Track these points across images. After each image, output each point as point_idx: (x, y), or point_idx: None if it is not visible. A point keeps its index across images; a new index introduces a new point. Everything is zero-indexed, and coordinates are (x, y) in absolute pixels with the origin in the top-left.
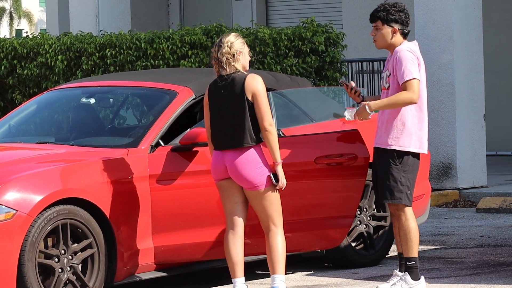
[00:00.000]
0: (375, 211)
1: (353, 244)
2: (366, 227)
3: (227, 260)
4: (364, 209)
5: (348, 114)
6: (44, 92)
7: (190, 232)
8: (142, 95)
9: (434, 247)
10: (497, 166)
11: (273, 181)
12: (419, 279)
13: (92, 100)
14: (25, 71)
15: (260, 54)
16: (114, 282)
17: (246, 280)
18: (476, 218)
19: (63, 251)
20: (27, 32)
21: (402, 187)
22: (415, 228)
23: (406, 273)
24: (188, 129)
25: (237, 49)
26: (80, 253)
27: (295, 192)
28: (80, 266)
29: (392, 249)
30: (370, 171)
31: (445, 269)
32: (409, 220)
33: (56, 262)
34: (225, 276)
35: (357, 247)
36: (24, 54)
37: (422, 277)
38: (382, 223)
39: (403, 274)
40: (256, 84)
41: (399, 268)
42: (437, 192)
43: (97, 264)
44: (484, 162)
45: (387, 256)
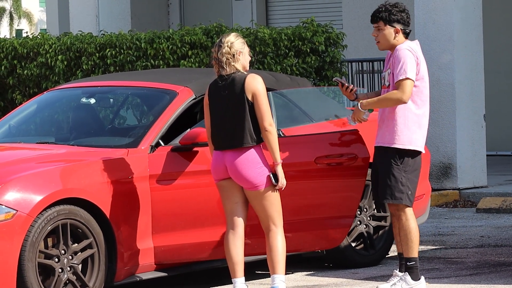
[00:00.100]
0: (375, 211)
1: (353, 244)
2: (366, 227)
3: (227, 260)
4: (364, 209)
5: (351, 119)
6: (44, 92)
7: (190, 232)
8: (142, 95)
9: (434, 247)
10: (497, 166)
11: (273, 181)
12: (419, 279)
13: (92, 100)
14: (25, 71)
15: (260, 54)
16: (114, 282)
17: (246, 280)
18: (476, 218)
19: (63, 251)
20: (27, 32)
21: (403, 187)
22: (416, 229)
23: (406, 273)
24: (188, 129)
25: (237, 49)
26: (80, 253)
27: (295, 192)
28: (80, 266)
29: (392, 249)
30: (370, 171)
31: (445, 269)
32: (410, 221)
33: (56, 262)
34: (225, 276)
35: (357, 247)
36: (24, 54)
37: (422, 277)
38: (382, 223)
39: (403, 274)
40: (256, 84)
41: (399, 268)
42: (437, 192)
43: (97, 264)
44: (484, 162)
45: (387, 256)
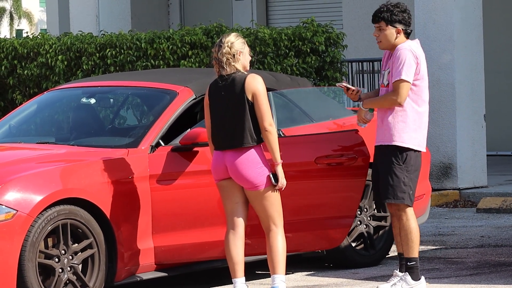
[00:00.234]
0: (375, 211)
1: (354, 244)
2: (367, 227)
3: (228, 260)
4: (365, 209)
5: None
6: (45, 92)
7: (191, 232)
8: (143, 95)
9: (435, 247)
10: (497, 166)
11: (273, 181)
12: (420, 279)
13: (93, 100)
14: (26, 71)
15: (260, 54)
16: (115, 282)
17: (247, 280)
18: (477, 218)
19: (64, 251)
20: (28, 32)
21: (405, 187)
22: (416, 229)
23: (407, 273)
24: (189, 129)
25: (238, 49)
26: (81, 253)
27: (296, 192)
28: (81, 266)
29: (393, 249)
30: (370, 171)
31: (446, 269)
32: (410, 221)
33: (57, 262)
34: (226, 276)
35: (358, 247)
36: (25, 54)
37: (423, 277)
38: (383, 223)
39: (404, 274)
40: (256, 84)
41: (400, 268)
42: (437, 192)
43: (98, 264)
44: (485, 162)
45: (388, 256)
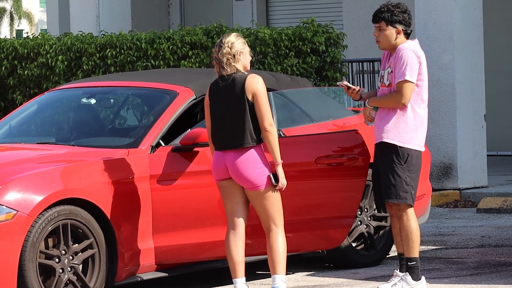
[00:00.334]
0: (376, 211)
1: (354, 244)
2: (367, 227)
3: (228, 260)
4: (365, 209)
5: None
6: (45, 93)
7: (191, 232)
8: (143, 96)
9: (435, 247)
10: (498, 166)
11: (273, 182)
12: (420, 279)
13: (93, 101)
14: (26, 72)
15: (261, 54)
16: (115, 283)
17: (247, 281)
18: (477, 218)
19: (64, 252)
20: (28, 33)
21: (407, 187)
22: (417, 229)
23: (407, 273)
24: (189, 129)
25: (238, 49)
26: (81, 254)
27: (296, 192)
28: (81, 267)
29: (393, 249)
30: (371, 171)
31: (446, 269)
32: (411, 221)
33: (57, 263)
34: (226, 276)
35: (358, 247)
36: (25, 55)
37: (423, 277)
38: (383, 223)
39: (404, 274)
40: (257, 84)
41: (400, 268)
42: (438, 192)
43: (98, 265)
44: (485, 162)
45: (388, 256)
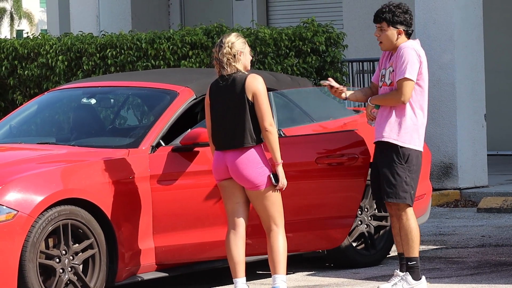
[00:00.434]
0: (376, 211)
1: (354, 244)
2: (367, 227)
3: (229, 260)
4: (365, 209)
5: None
6: (45, 93)
7: (191, 232)
8: (143, 96)
9: (435, 247)
10: (498, 166)
11: (273, 182)
12: (420, 279)
13: (93, 101)
14: (26, 72)
15: (261, 54)
16: (115, 283)
17: (247, 280)
18: (477, 218)
19: (64, 252)
20: (28, 33)
21: (407, 187)
22: (416, 228)
23: (407, 273)
24: (189, 129)
25: (238, 49)
26: (81, 254)
27: (296, 192)
28: (81, 267)
29: (393, 249)
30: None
31: (446, 269)
32: (410, 220)
33: (57, 263)
34: (226, 276)
35: (358, 247)
36: (25, 55)
37: (423, 277)
38: (383, 223)
39: (404, 274)
40: (257, 84)
41: (400, 268)
42: (438, 192)
43: (98, 265)
44: (485, 162)
45: (388, 256)
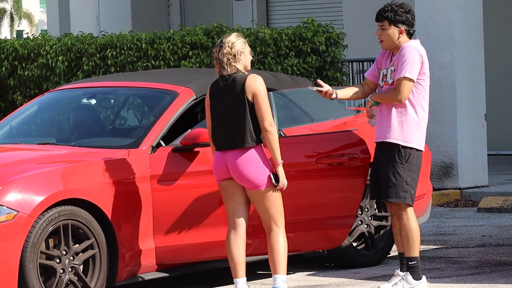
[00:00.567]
0: (376, 211)
1: (355, 244)
2: (367, 227)
3: (229, 260)
4: (365, 209)
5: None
6: (45, 93)
7: (192, 233)
8: (143, 96)
9: (436, 247)
10: (498, 166)
11: (273, 182)
12: (421, 279)
13: (93, 101)
14: (26, 72)
15: (261, 54)
16: (116, 283)
17: (248, 280)
18: (478, 218)
19: (65, 252)
20: (28, 33)
21: (407, 187)
22: (417, 228)
23: (408, 273)
24: (189, 130)
25: (238, 49)
26: (82, 254)
27: (296, 192)
28: (82, 267)
29: (394, 249)
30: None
31: (447, 269)
32: (411, 220)
33: (58, 263)
34: (227, 277)
35: (359, 247)
36: (25, 55)
37: (424, 277)
38: (383, 223)
39: (405, 274)
40: (257, 84)
41: (401, 268)
42: (438, 192)
43: (99, 265)
44: (485, 162)
45: (389, 256)
